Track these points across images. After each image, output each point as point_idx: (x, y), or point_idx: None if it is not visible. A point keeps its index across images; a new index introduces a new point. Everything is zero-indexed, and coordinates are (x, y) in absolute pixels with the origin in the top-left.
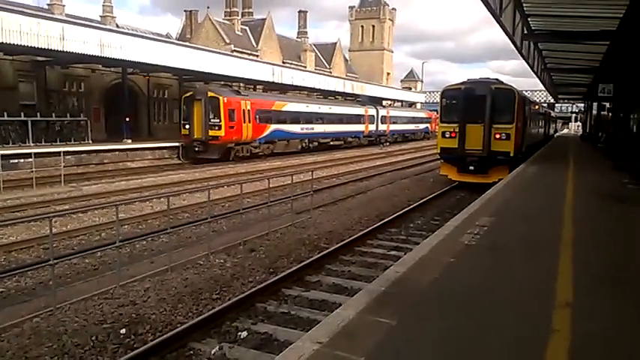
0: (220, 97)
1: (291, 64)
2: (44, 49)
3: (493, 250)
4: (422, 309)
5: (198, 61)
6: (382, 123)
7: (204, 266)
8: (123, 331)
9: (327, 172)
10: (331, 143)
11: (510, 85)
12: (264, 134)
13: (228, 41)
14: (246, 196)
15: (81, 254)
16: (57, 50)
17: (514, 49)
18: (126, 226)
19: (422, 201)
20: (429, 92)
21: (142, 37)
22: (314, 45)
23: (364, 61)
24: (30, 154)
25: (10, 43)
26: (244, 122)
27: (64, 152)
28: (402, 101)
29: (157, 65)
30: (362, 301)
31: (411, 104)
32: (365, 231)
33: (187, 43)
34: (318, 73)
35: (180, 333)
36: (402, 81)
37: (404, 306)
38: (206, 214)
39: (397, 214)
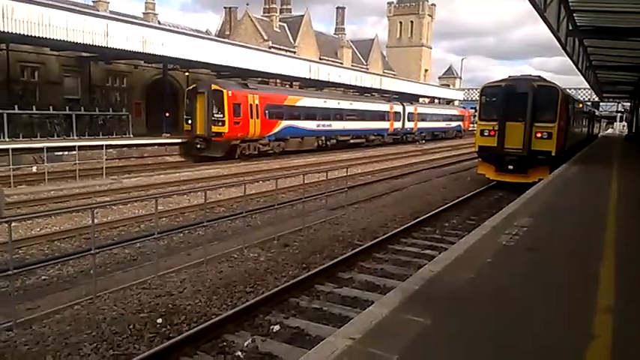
0: (224, 91)
1: (328, 60)
2: (89, 45)
3: (532, 251)
4: (456, 309)
5: (236, 57)
6: (409, 120)
7: (238, 260)
8: (159, 320)
9: (362, 169)
10: (351, 141)
11: (553, 83)
12: (275, 131)
13: (266, 38)
14: (281, 191)
15: (121, 244)
16: (101, 46)
17: (558, 45)
18: (164, 219)
19: (458, 200)
20: (468, 89)
21: (183, 33)
22: (351, 41)
23: (402, 58)
24: (74, 147)
25: (56, 39)
26: (251, 118)
27: (106, 146)
28: (439, 98)
29: (196, 61)
30: (395, 299)
31: (449, 102)
32: (399, 229)
33: (225, 40)
34: (354, 70)
35: (214, 324)
36: (440, 78)
37: (438, 305)
38: (241, 208)
39: (432, 212)
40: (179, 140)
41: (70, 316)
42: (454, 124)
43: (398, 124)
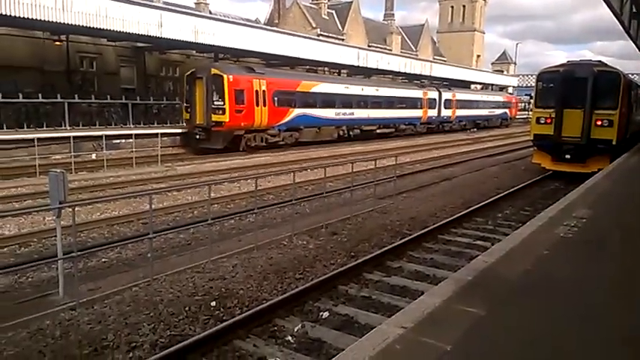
0: (224, 75)
1: (376, 47)
2: (144, 35)
3: (591, 243)
4: (512, 300)
5: (284, 45)
6: (446, 107)
7: (287, 247)
8: (213, 303)
9: (410, 157)
10: (378, 131)
11: (615, 68)
12: (285, 120)
13: (314, 25)
14: (328, 180)
15: (176, 229)
16: (155, 37)
17: (620, 29)
18: (215, 205)
19: (511, 190)
20: (523, 75)
21: (233, 22)
22: (400, 27)
23: (453, 43)
24: (130, 135)
25: (113, 30)
26: (257, 105)
27: (160, 134)
28: (491, 85)
29: (245, 50)
30: (448, 289)
31: (502, 88)
32: (449, 219)
33: (274, 28)
34: (403, 56)
35: (265, 309)
36: (492, 63)
37: (493, 296)
38: (289, 196)
39: (484, 202)
40: None
41: (130, 297)
42: (499, 111)
43: (433, 112)
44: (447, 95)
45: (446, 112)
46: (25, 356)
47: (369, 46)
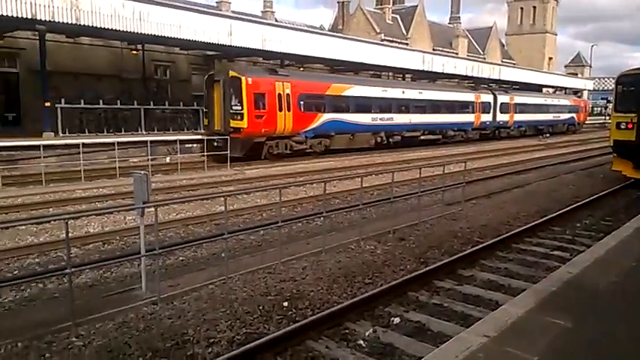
0: (242, 78)
1: (442, 51)
2: (214, 44)
3: None
4: (600, 312)
5: (348, 51)
6: (502, 112)
7: (355, 251)
8: (285, 304)
9: (480, 163)
10: (422, 138)
11: None
12: (313, 126)
13: (378, 30)
14: (395, 185)
15: (249, 231)
16: (225, 45)
17: None
18: (283, 209)
19: (590, 199)
20: (599, 78)
21: (298, 29)
22: (467, 30)
23: (523, 46)
24: (201, 140)
25: (186, 39)
26: (280, 110)
27: (230, 139)
28: (565, 88)
29: (310, 57)
30: (530, 299)
31: (576, 92)
32: (523, 227)
33: (338, 34)
34: (470, 60)
35: (336, 312)
36: (566, 66)
37: (579, 308)
38: (355, 200)
39: (560, 211)
40: None
41: (206, 295)
42: (565, 116)
43: (487, 117)
44: (503, 98)
45: (502, 117)
46: (112, 347)
47: (433, 49)
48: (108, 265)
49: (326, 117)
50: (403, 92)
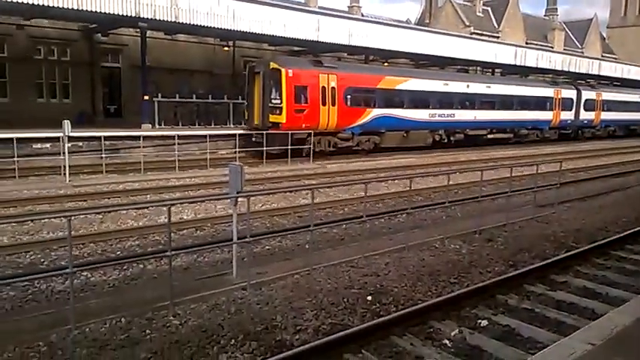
0: (282, 70)
1: (535, 44)
2: (302, 39)
3: None
4: None
5: (435, 45)
6: (587, 109)
7: (439, 249)
8: (369, 298)
9: (574, 164)
10: (489, 136)
11: None
12: (361, 121)
13: (467, 23)
14: (479, 184)
15: (334, 224)
16: (312, 40)
17: None
18: (364, 204)
19: None
20: None
21: (384, 24)
22: (564, 23)
23: (627, 39)
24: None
25: (275, 35)
26: (323, 104)
27: (313, 133)
28: None
29: (395, 51)
30: (637, 309)
31: None
32: (623, 234)
33: (425, 28)
34: (567, 54)
35: (421, 310)
36: None
37: None
38: (439, 198)
39: None
40: None
41: (292, 284)
42: None
43: (568, 115)
44: (588, 94)
45: (587, 116)
46: (206, 327)
47: (527, 43)
48: (203, 250)
49: (376, 112)
50: (468, 86)
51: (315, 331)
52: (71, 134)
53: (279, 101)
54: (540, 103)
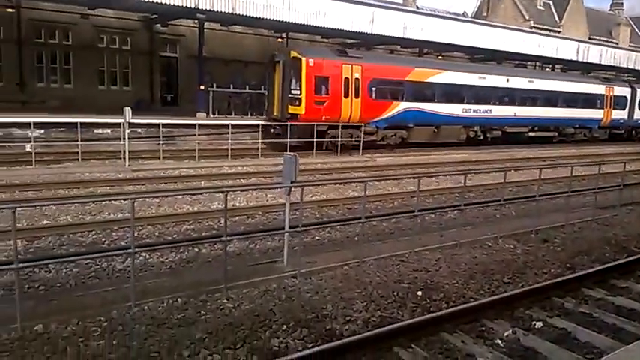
0: (302, 59)
1: (599, 40)
2: (355, 32)
3: None
4: None
5: (491, 39)
6: None
7: (492, 248)
8: (419, 293)
9: (635, 166)
10: (531, 135)
11: None
12: (386, 115)
13: (527, 17)
14: (539, 183)
15: (386, 217)
16: (366, 33)
17: None
18: (415, 199)
19: None
20: None
21: (439, 16)
22: (630, 18)
23: None
24: (337, 126)
25: (329, 27)
26: (345, 96)
27: (364, 126)
28: None
29: (450, 45)
30: None
31: None
32: None
33: (481, 21)
34: (634, 50)
35: (473, 308)
36: None
37: None
38: (492, 196)
39: None
40: None
41: (341, 275)
42: None
43: (620, 114)
44: None
45: None
46: (258, 312)
47: (590, 39)
48: (255, 237)
49: (403, 106)
50: (507, 80)
51: (364, 322)
52: (131, 121)
53: (298, 92)
54: (589, 101)
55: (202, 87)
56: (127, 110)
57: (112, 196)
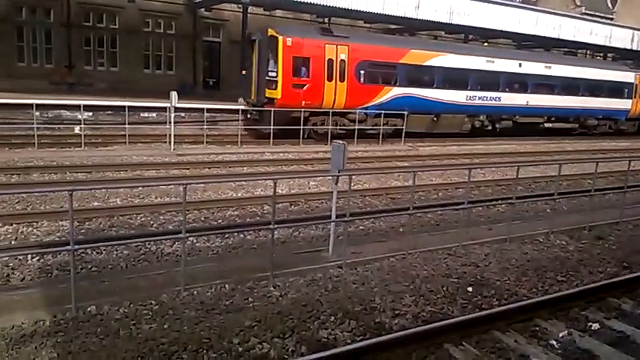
0: (279, 38)
1: None
2: (400, 17)
3: None
4: None
5: (540, 25)
6: None
7: (543, 244)
8: (469, 289)
9: None
10: (547, 125)
11: None
12: (377, 101)
13: (578, 3)
14: (592, 177)
15: (435, 209)
16: (410, 18)
17: None
18: (460, 190)
19: None
20: None
21: (487, 1)
22: None
23: None
24: (379, 114)
25: (372, 12)
26: (329, 79)
27: (407, 114)
28: None
29: (497, 31)
30: None
31: None
32: None
33: (530, 6)
34: None
35: (526, 306)
36: None
37: None
38: (539, 189)
39: None
40: None
41: (387, 267)
42: None
43: None
44: None
45: None
46: (306, 301)
47: None
48: (301, 225)
49: (397, 91)
50: (520, 65)
51: (414, 317)
52: (177, 105)
53: (275, 74)
54: (616, 89)
55: (244, 72)
56: (174, 94)
57: (162, 180)
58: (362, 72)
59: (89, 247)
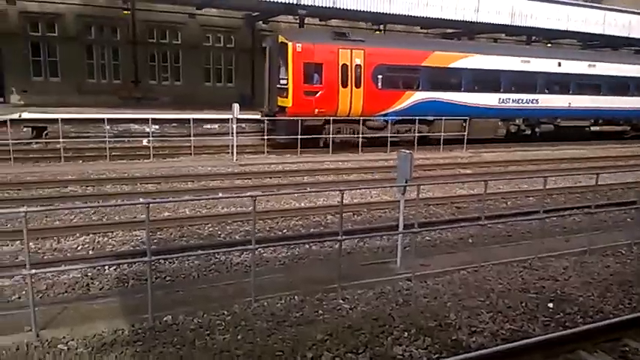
0: (289, 44)
1: None
2: (458, 21)
3: None
4: None
5: (608, 24)
6: None
7: (626, 256)
8: (550, 305)
9: None
10: (593, 129)
11: None
12: (397, 107)
13: None
14: None
15: (508, 220)
16: (470, 21)
17: None
18: (530, 199)
19: None
20: None
21: (550, 1)
22: None
23: None
24: (432, 120)
25: (430, 17)
26: (344, 86)
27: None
28: None
29: (562, 31)
30: None
31: None
32: None
33: (597, 4)
34: None
35: (614, 324)
36: None
37: None
38: (616, 197)
39: None
40: None
41: (459, 280)
42: None
43: None
44: None
45: None
46: (377, 315)
47: None
48: (368, 236)
49: (419, 96)
50: (559, 64)
51: (492, 335)
52: (238, 117)
53: (285, 82)
54: None
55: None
56: (236, 106)
57: (238, 191)
58: (380, 77)
59: (166, 258)
